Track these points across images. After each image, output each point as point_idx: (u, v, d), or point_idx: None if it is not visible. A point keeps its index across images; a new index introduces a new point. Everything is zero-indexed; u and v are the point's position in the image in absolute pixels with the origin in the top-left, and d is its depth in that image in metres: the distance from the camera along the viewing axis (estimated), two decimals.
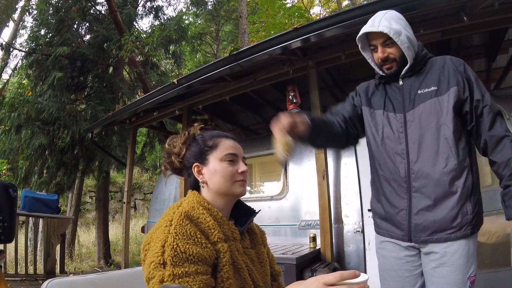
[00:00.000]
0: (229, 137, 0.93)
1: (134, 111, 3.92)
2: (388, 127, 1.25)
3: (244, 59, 2.68)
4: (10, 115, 5.45)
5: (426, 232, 1.16)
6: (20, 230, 6.81)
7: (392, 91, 1.28)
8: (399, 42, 1.17)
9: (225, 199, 0.88)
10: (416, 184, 1.17)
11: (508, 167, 1.10)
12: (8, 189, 1.18)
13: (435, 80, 1.19)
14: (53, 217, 4.19)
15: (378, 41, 1.23)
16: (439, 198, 1.14)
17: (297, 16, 9.85)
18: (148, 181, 14.03)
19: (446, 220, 1.13)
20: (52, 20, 6.23)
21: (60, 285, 0.85)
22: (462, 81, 1.17)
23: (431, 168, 1.15)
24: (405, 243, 1.21)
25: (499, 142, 1.12)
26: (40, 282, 3.46)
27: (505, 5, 2.17)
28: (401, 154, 1.21)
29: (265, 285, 0.87)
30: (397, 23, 1.19)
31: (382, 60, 1.23)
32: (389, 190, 1.24)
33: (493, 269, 2.35)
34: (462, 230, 1.13)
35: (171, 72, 8.70)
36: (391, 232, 1.25)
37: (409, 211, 1.18)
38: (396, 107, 1.25)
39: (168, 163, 0.95)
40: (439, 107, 1.16)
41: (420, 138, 1.18)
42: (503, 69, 3.66)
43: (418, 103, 1.20)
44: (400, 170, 1.20)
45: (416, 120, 1.19)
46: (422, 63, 1.24)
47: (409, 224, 1.19)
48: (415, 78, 1.24)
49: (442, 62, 1.23)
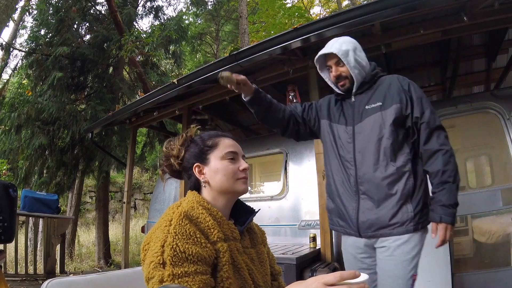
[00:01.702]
0: (228, 136, 0.94)
1: (134, 111, 3.91)
2: (341, 138, 1.44)
3: (244, 59, 2.67)
4: (10, 115, 5.44)
5: (372, 228, 1.33)
6: (20, 230, 6.81)
7: (346, 107, 1.47)
8: (345, 62, 1.37)
9: (227, 197, 0.89)
10: (362, 187, 1.36)
11: (437, 177, 1.27)
12: (8, 189, 1.17)
13: (381, 97, 1.36)
14: (53, 217, 4.19)
15: (332, 61, 1.43)
16: (381, 199, 1.32)
17: (297, 16, 9.85)
18: (148, 181, 14.02)
19: (387, 218, 1.30)
20: (52, 20, 6.22)
21: (60, 285, 0.85)
22: (405, 99, 1.33)
23: (372, 174, 1.33)
24: (358, 238, 1.39)
25: (432, 156, 1.29)
26: (40, 282, 3.46)
27: (505, 5, 2.17)
28: (350, 162, 1.39)
29: (265, 284, 0.87)
30: (347, 46, 1.40)
31: (336, 78, 1.43)
32: (342, 192, 1.42)
33: (493, 269, 2.35)
34: (404, 226, 1.29)
35: (171, 72, 8.70)
36: (346, 228, 1.43)
37: (357, 210, 1.37)
38: (348, 121, 1.43)
39: (166, 166, 0.95)
40: (382, 121, 1.33)
41: (364, 148, 1.36)
42: (503, 69, 3.66)
43: (365, 117, 1.38)
44: (350, 175, 1.39)
45: (363, 132, 1.37)
46: (372, 81, 1.42)
47: (357, 222, 1.37)
48: (365, 95, 1.42)
49: (390, 80, 1.40)
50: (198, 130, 0.97)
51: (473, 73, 4.01)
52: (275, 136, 3.65)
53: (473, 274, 2.38)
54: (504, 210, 2.35)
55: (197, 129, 0.97)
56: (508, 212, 2.33)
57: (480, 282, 2.34)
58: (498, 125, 2.58)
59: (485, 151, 3.01)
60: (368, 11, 2.13)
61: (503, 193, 2.36)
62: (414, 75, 4.05)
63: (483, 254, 2.52)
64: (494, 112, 2.61)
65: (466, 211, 2.47)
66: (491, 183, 2.82)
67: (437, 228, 1.26)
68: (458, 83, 4.01)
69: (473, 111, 2.68)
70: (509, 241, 2.37)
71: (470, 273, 2.39)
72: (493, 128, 2.64)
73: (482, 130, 2.78)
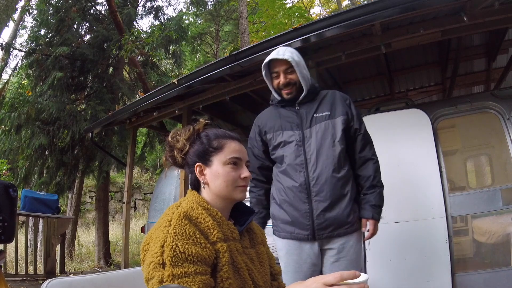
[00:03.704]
0: (235, 138, 0.92)
1: (134, 111, 3.91)
2: (287, 143, 1.49)
3: (244, 59, 2.67)
4: (10, 115, 5.44)
5: (328, 229, 1.40)
6: (20, 230, 6.80)
7: (288, 114, 1.53)
8: (297, 70, 1.45)
9: (224, 202, 0.88)
10: (316, 189, 1.41)
11: (368, 181, 1.47)
12: (8, 189, 1.17)
13: (328, 107, 1.50)
14: (53, 217, 4.18)
15: (281, 68, 1.48)
16: (335, 199, 1.41)
17: (297, 16, 9.85)
18: (148, 181, 14.02)
19: (344, 217, 1.41)
20: (52, 20, 6.21)
21: (60, 285, 0.85)
22: (348, 112, 1.50)
23: (330, 174, 1.41)
24: (307, 243, 1.43)
25: (364, 162, 1.50)
26: (40, 282, 3.47)
27: (505, 5, 2.17)
28: (300, 164, 1.45)
29: (264, 284, 0.87)
30: (298, 57, 1.49)
31: (284, 85, 1.49)
32: (292, 197, 1.45)
33: (493, 269, 2.35)
34: (354, 226, 1.43)
35: (171, 72, 8.69)
36: (295, 234, 1.45)
37: (311, 213, 1.41)
38: (293, 126, 1.50)
39: (170, 156, 0.92)
40: (332, 128, 1.46)
41: (318, 151, 1.44)
42: (503, 69, 3.66)
43: (314, 123, 1.48)
44: (300, 178, 1.43)
45: (313, 136, 1.46)
46: (315, 93, 1.54)
47: (312, 225, 1.40)
48: (310, 104, 1.52)
49: (333, 94, 1.56)
50: (206, 126, 0.94)
51: (473, 73, 4.01)
52: None
53: (473, 274, 2.38)
54: (504, 210, 2.35)
55: (205, 124, 0.93)
56: (508, 212, 2.33)
57: (480, 282, 2.34)
58: (498, 125, 2.57)
59: (485, 151, 3.01)
60: (368, 11, 2.13)
61: (503, 193, 2.36)
62: (414, 75, 4.05)
63: (483, 254, 2.52)
64: (494, 112, 2.61)
65: (466, 211, 2.47)
66: (491, 183, 2.82)
67: (367, 223, 1.46)
68: (458, 83, 4.01)
69: (473, 111, 2.67)
70: (509, 241, 2.37)
71: (470, 273, 2.39)
72: (493, 128, 2.63)
73: (482, 130, 2.78)
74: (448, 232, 2.36)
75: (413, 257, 2.36)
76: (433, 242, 2.35)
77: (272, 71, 1.52)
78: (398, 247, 2.44)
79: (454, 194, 2.52)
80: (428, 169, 2.49)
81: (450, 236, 2.38)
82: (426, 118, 2.62)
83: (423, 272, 2.36)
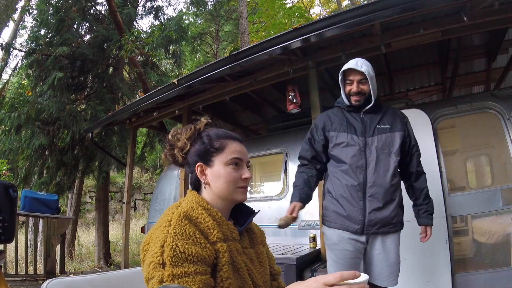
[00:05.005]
0: (236, 139, 0.91)
1: (134, 111, 3.91)
2: (351, 146, 1.65)
3: (244, 59, 2.67)
4: (10, 115, 5.43)
5: (375, 226, 1.59)
6: (20, 230, 6.80)
7: (353, 120, 1.70)
8: (370, 83, 1.65)
9: (225, 202, 0.88)
10: (371, 190, 1.60)
11: (423, 192, 1.71)
12: (8, 189, 1.17)
13: (390, 122, 1.69)
14: (53, 217, 4.18)
15: (356, 77, 1.66)
16: (386, 202, 1.60)
17: (297, 16, 9.85)
18: (148, 181, 14.02)
19: (390, 218, 1.60)
20: (52, 20, 6.20)
21: (60, 285, 0.85)
22: (406, 129, 1.71)
23: (383, 180, 1.60)
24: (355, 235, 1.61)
25: (420, 176, 1.73)
26: (40, 282, 3.47)
27: (505, 5, 2.17)
28: (361, 166, 1.62)
29: (264, 284, 0.87)
30: (372, 71, 1.67)
31: (355, 93, 1.67)
32: (350, 194, 1.62)
33: (493, 269, 2.35)
34: (396, 227, 1.64)
35: (171, 72, 8.69)
36: (346, 226, 1.63)
37: (364, 210, 1.59)
38: (358, 132, 1.67)
39: (170, 155, 0.92)
40: (391, 141, 1.65)
41: (377, 158, 1.62)
42: (503, 69, 3.66)
43: (376, 133, 1.65)
44: (359, 179, 1.61)
45: (374, 144, 1.64)
46: (379, 105, 1.73)
47: (363, 220, 1.59)
48: (374, 115, 1.70)
49: (394, 111, 1.76)
50: (208, 125, 0.93)
51: (473, 73, 4.01)
52: (275, 136, 3.65)
53: (473, 274, 2.38)
54: (504, 210, 2.35)
55: (206, 123, 0.93)
56: (508, 212, 2.33)
57: (480, 282, 2.34)
58: (498, 125, 2.57)
59: (485, 151, 3.01)
60: (368, 11, 2.13)
61: (503, 193, 2.36)
62: (414, 75, 4.05)
63: (483, 254, 2.52)
64: (494, 112, 2.61)
65: (466, 211, 2.47)
66: (491, 183, 2.82)
67: (426, 229, 1.69)
68: (458, 83, 4.01)
69: (473, 111, 2.67)
70: (509, 241, 2.37)
71: (470, 273, 2.39)
72: (493, 128, 2.63)
73: (482, 130, 2.77)
74: (448, 232, 2.36)
75: (413, 257, 2.36)
76: (433, 242, 2.35)
77: (346, 78, 1.70)
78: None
79: (454, 194, 2.52)
80: (428, 169, 2.47)
81: (450, 236, 2.38)
82: (426, 118, 2.62)
83: (423, 272, 2.36)
